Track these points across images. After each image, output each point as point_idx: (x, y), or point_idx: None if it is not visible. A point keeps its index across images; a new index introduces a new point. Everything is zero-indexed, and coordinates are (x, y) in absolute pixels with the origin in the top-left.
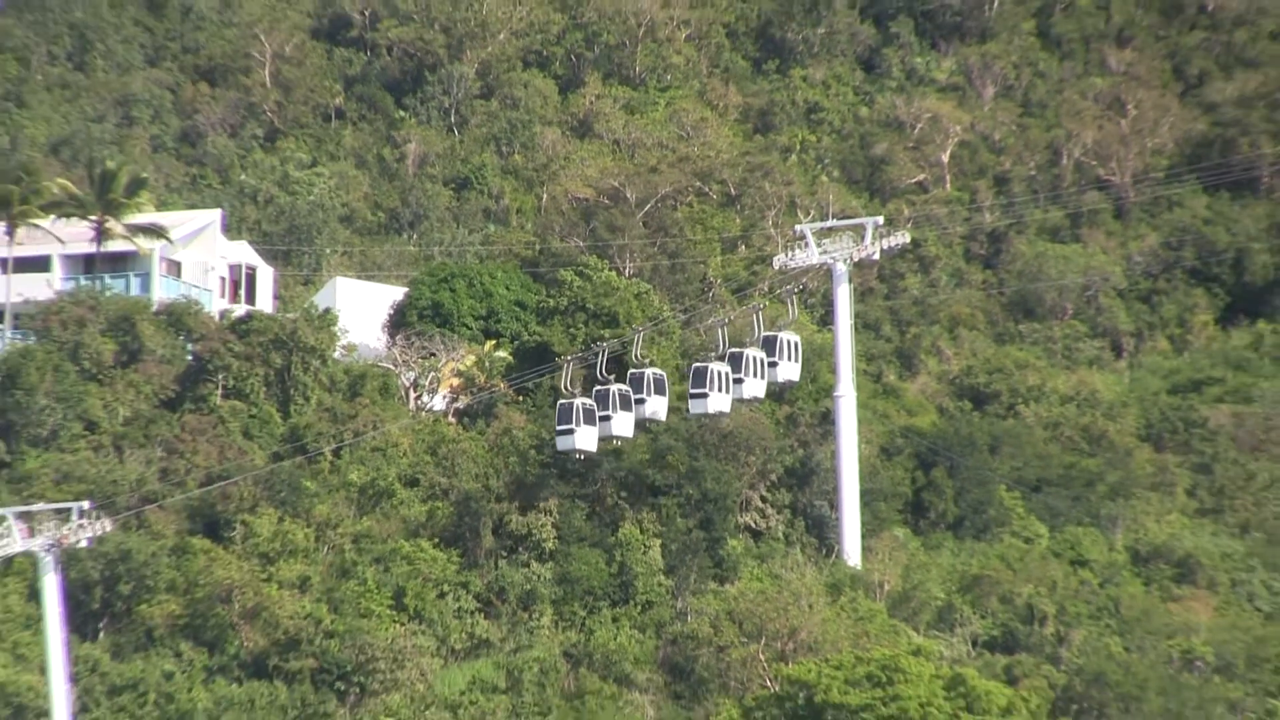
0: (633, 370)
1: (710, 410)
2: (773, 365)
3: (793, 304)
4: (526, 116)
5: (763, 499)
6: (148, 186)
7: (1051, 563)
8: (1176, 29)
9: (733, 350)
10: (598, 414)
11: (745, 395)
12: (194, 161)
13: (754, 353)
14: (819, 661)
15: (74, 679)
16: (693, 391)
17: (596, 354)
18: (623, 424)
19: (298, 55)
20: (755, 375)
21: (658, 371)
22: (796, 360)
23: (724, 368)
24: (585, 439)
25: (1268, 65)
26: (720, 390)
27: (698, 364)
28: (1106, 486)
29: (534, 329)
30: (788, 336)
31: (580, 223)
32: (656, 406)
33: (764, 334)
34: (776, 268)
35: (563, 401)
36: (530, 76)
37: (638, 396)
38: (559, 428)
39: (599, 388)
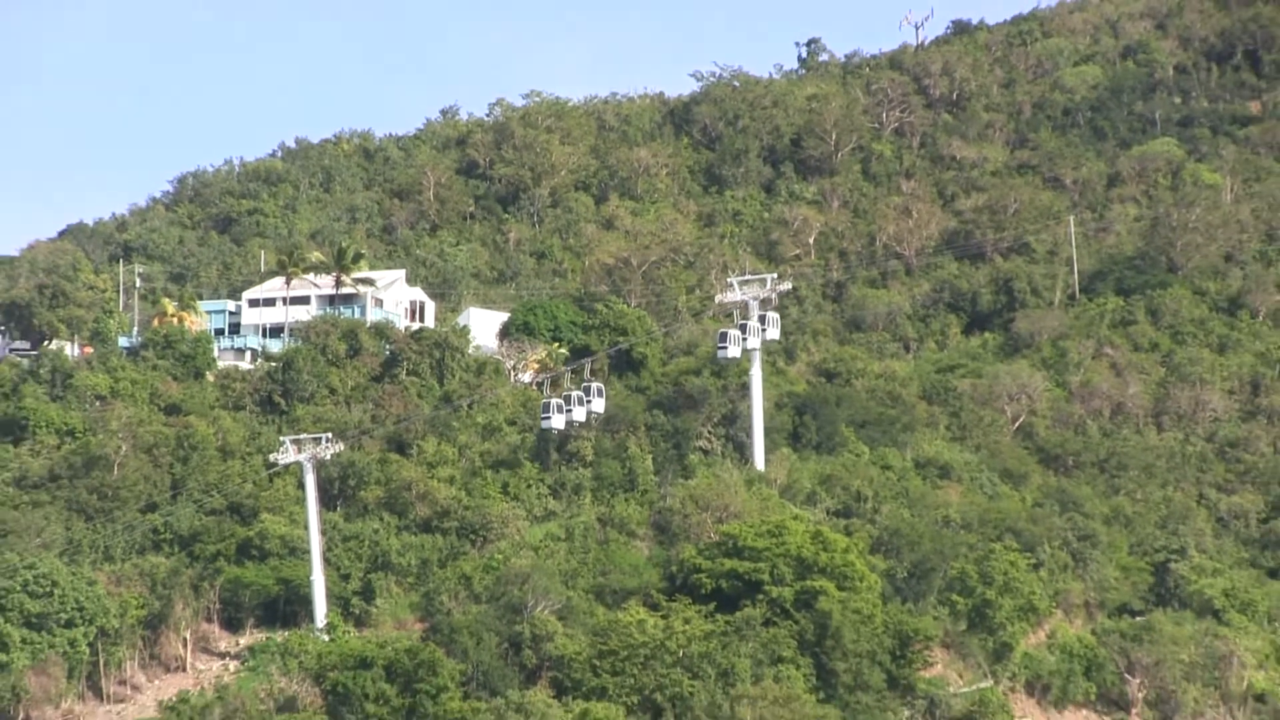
0: (585, 382)
1: (729, 356)
2: (764, 330)
3: (723, 319)
4: (576, 218)
5: (709, 432)
6: (364, 257)
7: (870, 468)
8: (939, 169)
9: (741, 322)
10: (564, 407)
11: (747, 347)
12: (390, 243)
13: (754, 323)
14: (740, 524)
15: (322, 532)
16: (719, 345)
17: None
18: (579, 414)
19: (448, 182)
20: (754, 336)
21: (599, 385)
22: (777, 327)
23: (736, 331)
24: (557, 421)
25: (990, 190)
26: (734, 345)
27: (721, 329)
28: (900, 425)
29: (580, 337)
30: (772, 314)
31: (606, 277)
32: (598, 405)
33: (759, 312)
34: (717, 302)
35: (544, 400)
36: (578, 195)
37: (587, 399)
38: (542, 415)
39: (565, 392)
